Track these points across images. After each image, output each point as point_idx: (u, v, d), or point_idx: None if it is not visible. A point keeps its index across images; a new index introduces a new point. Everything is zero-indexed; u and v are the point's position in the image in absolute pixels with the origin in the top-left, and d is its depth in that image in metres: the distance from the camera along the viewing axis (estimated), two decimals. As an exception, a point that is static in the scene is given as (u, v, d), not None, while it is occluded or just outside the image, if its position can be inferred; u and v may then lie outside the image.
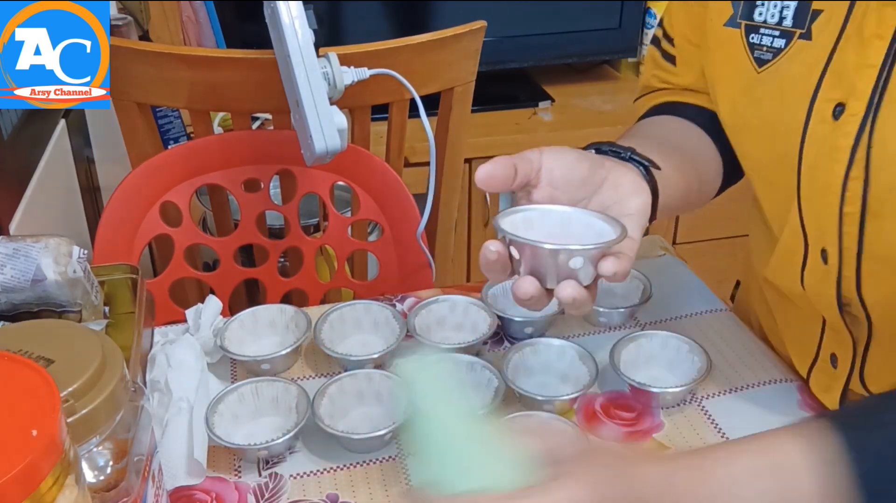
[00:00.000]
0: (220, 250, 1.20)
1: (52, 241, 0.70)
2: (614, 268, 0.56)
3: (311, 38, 0.95)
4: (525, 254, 0.57)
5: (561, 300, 0.57)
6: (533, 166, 0.62)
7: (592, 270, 0.57)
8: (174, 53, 1.10)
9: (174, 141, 1.57)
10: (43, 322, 0.66)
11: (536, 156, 0.63)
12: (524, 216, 0.61)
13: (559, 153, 0.63)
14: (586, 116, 1.83)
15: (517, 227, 0.60)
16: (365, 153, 1.18)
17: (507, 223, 0.60)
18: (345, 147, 0.99)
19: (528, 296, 0.57)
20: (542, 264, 0.57)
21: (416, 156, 1.53)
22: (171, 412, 0.71)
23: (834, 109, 0.64)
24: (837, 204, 0.65)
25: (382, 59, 1.10)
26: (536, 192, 0.63)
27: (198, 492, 0.68)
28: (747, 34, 0.72)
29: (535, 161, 0.62)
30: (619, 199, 0.63)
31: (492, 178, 0.60)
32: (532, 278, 0.57)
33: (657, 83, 0.88)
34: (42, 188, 1.07)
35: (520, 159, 0.62)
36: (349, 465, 0.70)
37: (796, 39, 0.68)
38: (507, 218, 0.60)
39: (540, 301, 0.58)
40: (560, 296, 0.57)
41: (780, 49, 0.69)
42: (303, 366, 0.82)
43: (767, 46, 0.70)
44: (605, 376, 0.77)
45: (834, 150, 0.64)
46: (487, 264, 0.59)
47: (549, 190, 0.63)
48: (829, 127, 0.64)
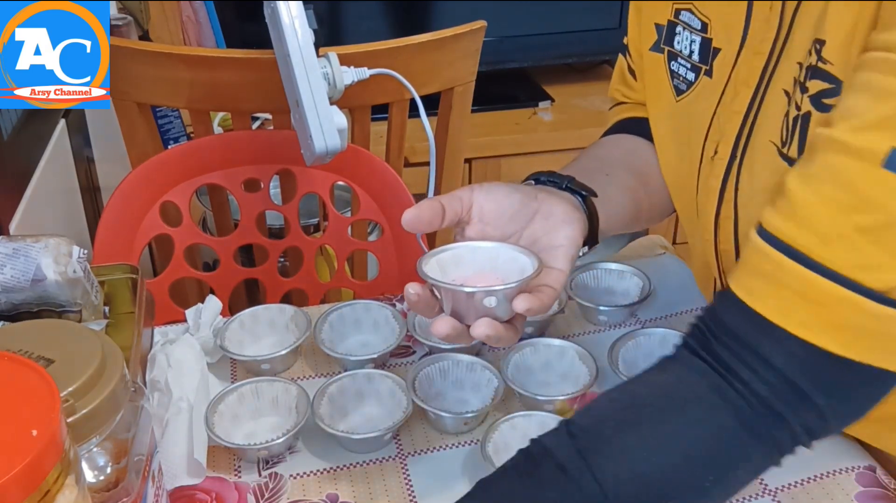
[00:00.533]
0: (220, 250, 1.20)
1: (52, 240, 0.70)
2: (527, 304, 0.58)
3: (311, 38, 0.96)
4: (444, 296, 0.60)
5: (476, 337, 0.59)
6: (463, 205, 0.65)
7: (509, 306, 0.58)
8: (174, 53, 1.10)
9: (174, 141, 1.58)
10: (43, 322, 0.66)
11: (468, 194, 0.65)
12: (453, 254, 0.64)
13: (490, 190, 0.65)
14: (586, 116, 1.83)
15: (446, 264, 0.63)
16: (365, 153, 1.18)
17: (434, 262, 0.62)
18: (345, 147, 0.99)
19: (445, 334, 0.59)
20: (460, 304, 0.59)
21: (416, 156, 1.54)
22: (171, 412, 0.71)
23: (714, 150, 0.69)
24: (713, 241, 0.70)
25: (382, 59, 1.10)
26: (469, 228, 0.65)
27: (198, 492, 0.68)
28: (669, 61, 0.76)
29: (465, 199, 0.65)
30: (549, 230, 0.65)
31: (417, 220, 0.62)
32: (448, 318, 0.60)
33: (619, 97, 0.90)
34: (42, 188, 1.07)
35: (449, 199, 0.64)
36: (349, 465, 0.71)
37: (702, 76, 0.72)
38: (434, 258, 0.63)
39: (461, 337, 0.60)
40: (474, 333, 0.59)
41: (691, 82, 0.73)
42: (303, 366, 0.82)
43: (683, 77, 0.74)
44: (605, 375, 0.77)
45: (708, 190, 0.70)
46: (411, 305, 0.61)
47: (480, 226, 0.65)
48: (708, 168, 0.70)
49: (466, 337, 0.60)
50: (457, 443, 0.73)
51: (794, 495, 0.66)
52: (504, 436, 0.69)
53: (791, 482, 0.67)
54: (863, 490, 0.66)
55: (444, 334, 0.59)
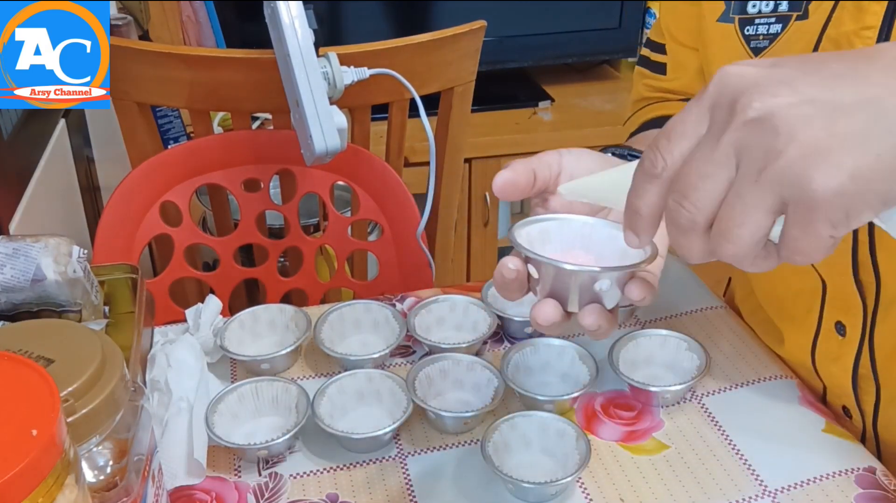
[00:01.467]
0: (220, 250, 1.20)
1: (51, 240, 0.70)
2: (643, 292, 0.50)
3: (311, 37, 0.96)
4: (545, 275, 0.51)
5: (585, 327, 0.51)
6: (552, 171, 0.57)
7: (619, 293, 0.51)
8: (174, 53, 1.10)
9: (174, 141, 1.58)
10: (43, 322, 0.66)
11: (556, 158, 0.58)
12: (541, 227, 0.55)
13: (579, 156, 0.58)
14: (586, 116, 1.83)
15: (532, 238, 0.54)
16: (365, 153, 1.18)
17: (524, 236, 0.53)
18: (345, 147, 0.99)
19: (550, 321, 0.51)
20: (565, 286, 0.51)
21: (416, 156, 1.54)
22: (171, 412, 0.71)
23: None
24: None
25: (382, 59, 1.10)
26: (554, 199, 0.58)
27: (198, 492, 0.68)
28: (742, 27, 0.72)
29: (554, 165, 0.57)
30: None
31: (513, 186, 0.55)
32: (554, 302, 0.51)
33: (650, 92, 0.89)
34: (42, 188, 1.07)
35: (539, 163, 0.57)
36: (349, 465, 0.71)
37: (793, 22, 0.68)
38: (523, 229, 0.54)
39: (560, 326, 0.52)
40: (584, 322, 0.51)
41: (776, 34, 0.69)
42: (302, 365, 0.82)
43: (763, 34, 0.70)
44: (605, 375, 0.77)
45: None
46: (505, 283, 0.52)
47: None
48: None
49: (565, 324, 0.52)
50: (457, 443, 0.73)
51: (794, 496, 0.66)
52: (504, 436, 0.69)
53: (790, 484, 0.67)
54: (862, 492, 0.66)
55: (550, 321, 0.51)
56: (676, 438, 0.72)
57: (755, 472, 0.68)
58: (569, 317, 0.52)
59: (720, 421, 0.74)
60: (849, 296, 0.71)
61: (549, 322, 0.51)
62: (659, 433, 0.73)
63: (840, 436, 0.72)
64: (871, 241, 0.67)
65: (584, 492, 0.67)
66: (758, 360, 0.80)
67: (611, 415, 0.75)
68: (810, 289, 0.75)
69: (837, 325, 0.73)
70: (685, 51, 0.83)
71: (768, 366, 0.80)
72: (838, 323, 0.73)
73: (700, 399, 0.76)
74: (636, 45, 1.94)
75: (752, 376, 0.79)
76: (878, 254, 0.67)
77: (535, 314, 0.51)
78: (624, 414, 0.75)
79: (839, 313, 0.73)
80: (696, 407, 0.76)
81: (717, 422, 0.74)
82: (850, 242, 0.68)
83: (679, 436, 0.73)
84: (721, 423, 0.74)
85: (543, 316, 0.51)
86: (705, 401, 0.76)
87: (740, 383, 0.78)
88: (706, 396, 0.77)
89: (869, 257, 0.68)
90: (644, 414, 0.75)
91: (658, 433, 0.73)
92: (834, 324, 0.73)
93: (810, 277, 0.74)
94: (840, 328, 0.73)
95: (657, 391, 0.74)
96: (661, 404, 0.76)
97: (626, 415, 0.75)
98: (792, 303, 0.78)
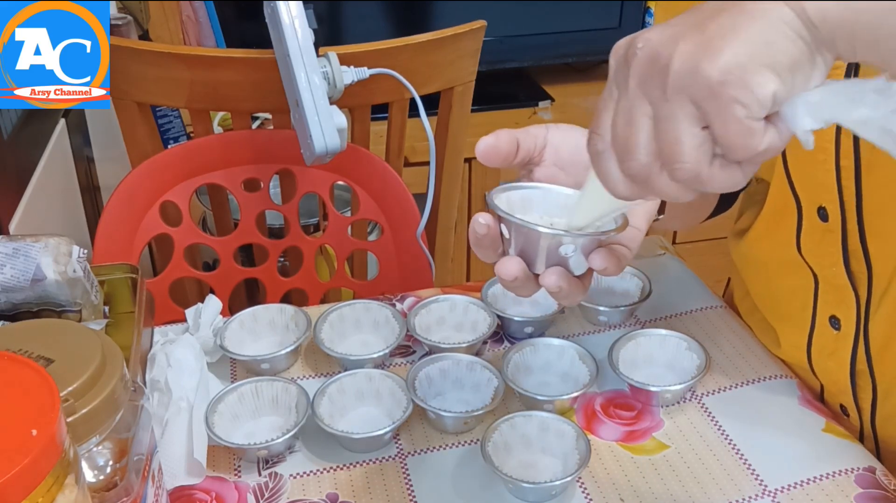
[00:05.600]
0: (220, 250, 1.20)
1: (51, 240, 0.70)
2: (605, 262, 0.52)
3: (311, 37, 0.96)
4: (513, 234, 0.53)
5: (545, 286, 0.53)
6: (537, 143, 0.59)
7: (584, 261, 0.53)
8: (174, 53, 1.10)
9: (174, 140, 1.58)
10: (43, 322, 0.66)
11: (542, 132, 0.60)
12: (523, 194, 0.57)
13: (567, 131, 0.60)
14: (586, 116, 1.82)
15: (513, 204, 0.56)
16: (365, 153, 1.18)
17: (503, 199, 0.56)
18: (344, 147, 0.99)
19: (512, 276, 0.53)
20: (531, 247, 0.53)
21: (416, 155, 1.54)
22: (170, 412, 0.71)
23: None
24: (833, 160, 0.65)
25: (382, 59, 1.10)
26: (539, 170, 0.60)
27: (198, 492, 0.68)
28: None
29: (539, 137, 0.59)
30: None
31: (494, 150, 0.57)
32: (518, 259, 0.53)
33: None
34: (42, 188, 1.07)
35: (524, 134, 0.59)
36: (349, 465, 0.71)
37: None
38: (504, 194, 0.56)
39: (525, 285, 0.54)
40: (544, 283, 0.53)
41: None
42: (302, 365, 0.82)
43: None
44: (605, 375, 0.77)
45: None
46: (476, 239, 0.55)
47: (553, 170, 0.60)
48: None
49: (532, 285, 0.54)
50: (457, 443, 0.73)
51: (794, 496, 0.66)
52: (504, 436, 0.69)
53: (790, 483, 0.67)
54: (862, 491, 0.66)
55: (512, 276, 0.53)
56: (676, 438, 0.72)
57: (755, 472, 0.68)
58: (535, 279, 0.54)
59: (720, 421, 0.74)
60: (841, 288, 0.71)
61: (511, 276, 0.53)
62: (659, 433, 0.73)
63: (840, 435, 0.72)
64: (860, 229, 0.66)
65: (584, 492, 0.67)
66: (758, 360, 0.80)
67: (611, 414, 0.75)
68: (803, 285, 0.75)
69: (832, 320, 0.73)
70: None
71: (768, 366, 0.80)
72: (832, 317, 0.73)
73: (700, 399, 0.77)
74: (636, 45, 1.94)
75: (751, 376, 0.79)
76: (869, 242, 0.67)
77: (498, 269, 0.54)
78: (624, 414, 0.75)
79: (832, 307, 0.73)
80: (696, 406, 0.76)
81: (716, 422, 0.74)
82: (838, 232, 0.68)
83: (679, 436, 0.73)
84: (721, 423, 0.74)
85: (506, 271, 0.53)
86: (705, 400, 0.76)
87: (740, 383, 0.78)
88: (706, 396, 0.77)
89: (860, 245, 0.67)
90: (644, 414, 0.75)
91: (658, 433, 0.73)
92: (828, 318, 0.74)
93: (803, 273, 0.74)
94: (834, 322, 0.73)
95: (657, 391, 0.74)
96: (661, 404, 0.76)
97: (626, 415, 0.75)
98: (787, 301, 0.78)
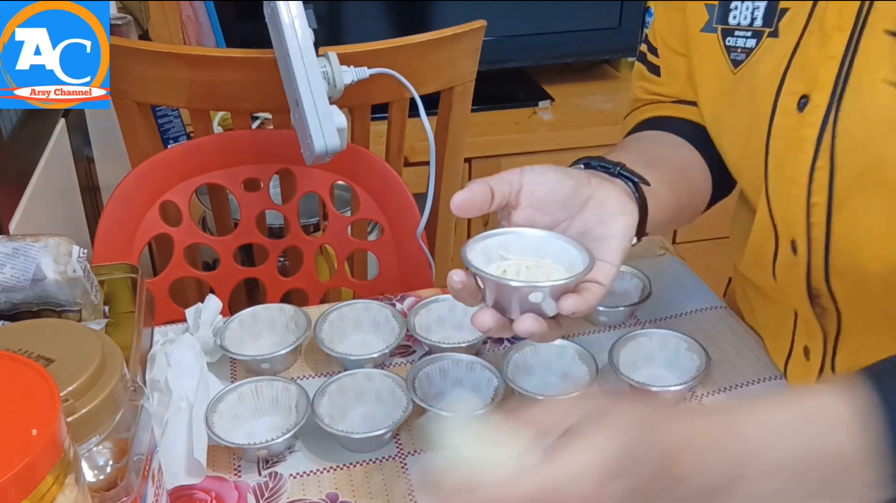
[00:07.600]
0: (220, 250, 1.20)
1: (51, 240, 0.70)
2: (574, 307, 0.56)
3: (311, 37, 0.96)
4: (486, 287, 0.58)
5: (518, 333, 0.57)
6: (512, 188, 0.62)
7: (554, 304, 0.57)
8: (174, 53, 1.10)
9: (174, 140, 1.58)
10: (43, 322, 0.66)
11: (517, 176, 0.62)
12: (499, 240, 0.61)
13: (541, 173, 0.62)
14: (586, 116, 1.83)
15: (490, 251, 0.61)
16: (365, 153, 1.18)
17: (479, 248, 0.60)
18: (344, 147, 0.99)
19: (486, 327, 0.58)
20: (503, 297, 0.58)
21: (416, 155, 1.54)
22: (170, 411, 0.71)
23: (798, 102, 0.66)
24: (804, 195, 0.67)
25: (382, 59, 1.10)
26: (517, 213, 0.62)
27: (197, 492, 0.68)
28: (724, 37, 0.75)
29: (514, 182, 0.62)
30: (602, 220, 0.62)
31: (469, 204, 0.60)
32: (491, 311, 0.58)
33: (644, 94, 0.89)
34: (42, 188, 1.07)
35: (497, 181, 0.61)
36: (349, 465, 0.71)
37: (765, 38, 0.70)
38: (480, 243, 0.61)
39: (501, 331, 0.58)
40: (517, 329, 0.57)
41: (751, 49, 0.72)
42: (302, 365, 0.82)
43: (741, 47, 0.73)
44: (605, 375, 0.77)
45: (799, 141, 0.66)
46: (454, 293, 0.60)
47: (529, 211, 0.62)
48: (794, 119, 0.67)
49: (508, 330, 0.58)
50: (456, 442, 0.73)
51: (794, 495, 0.66)
52: (504, 436, 0.69)
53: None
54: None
55: (486, 327, 0.58)
56: (676, 438, 0.72)
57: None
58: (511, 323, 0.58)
59: (720, 421, 0.74)
60: (809, 322, 0.73)
61: (486, 327, 0.58)
62: (659, 433, 0.73)
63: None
64: (826, 268, 0.68)
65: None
66: (758, 360, 0.80)
67: (611, 414, 0.75)
68: (787, 314, 0.77)
69: (805, 349, 0.75)
70: (676, 57, 0.84)
71: (768, 366, 0.80)
72: (805, 347, 0.75)
73: (700, 399, 0.76)
74: (636, 45, 1.93)
75: (751, 376, 0.79)
76: (833, 282, 0.68)
77: (474, 322, 0.59)
78: (624, 414, 0.75)
79: (806, 338, 0.75)
80: (696, 407, 0.76)
81: (716, 422, 0.74)
82: (804, 267, 0.69)
83: (679, 436, 0.73)
84: (721, 423, 0.74)
85: (481, 323, 0.58)
86: (705, 401, 0.76)
87: (740, 383, 0.78)
88: (706, 396, 0.77)
89: (824, 284, 0.69)
90: (644, 414, 0.75)
91: (658, 433, 0.73)
92: (802, 347, 0.76)
93: (787, 304, 0.76)
94: (806, 352, 0.75)
95: (657, 391, 0.74)
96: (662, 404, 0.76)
97: (625, 415, 0.75)
98: (774, 326, 0.80)
